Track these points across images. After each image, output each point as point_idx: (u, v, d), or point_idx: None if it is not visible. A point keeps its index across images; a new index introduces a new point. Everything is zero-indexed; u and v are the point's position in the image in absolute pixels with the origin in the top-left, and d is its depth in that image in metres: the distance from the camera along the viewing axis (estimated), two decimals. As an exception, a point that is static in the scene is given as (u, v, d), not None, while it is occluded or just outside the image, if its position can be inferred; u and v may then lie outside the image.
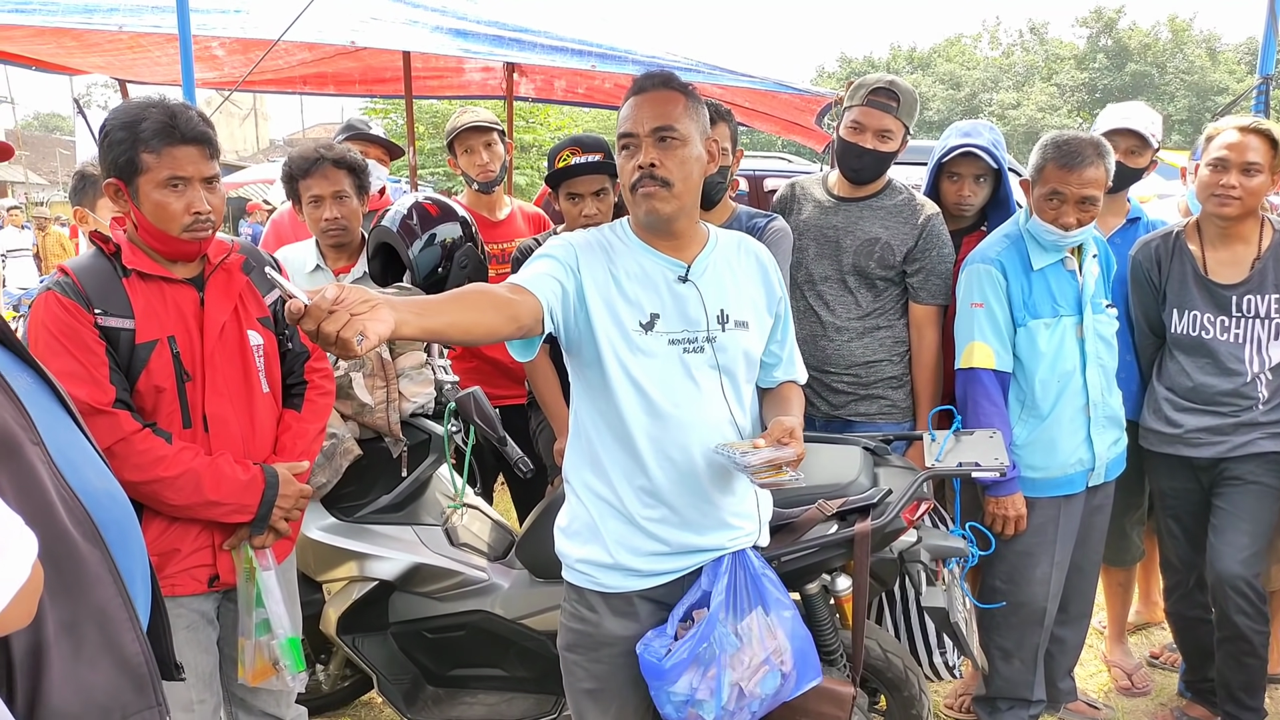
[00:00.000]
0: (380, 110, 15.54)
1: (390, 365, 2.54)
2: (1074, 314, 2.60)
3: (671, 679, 1.72)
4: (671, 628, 1.76)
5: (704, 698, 1.72)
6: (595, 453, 1.78)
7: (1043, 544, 2.65)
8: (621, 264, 1.74)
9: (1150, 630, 3.65)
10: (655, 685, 1.75)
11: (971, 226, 3.00)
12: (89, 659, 1.26)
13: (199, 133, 1.88)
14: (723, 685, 1.73)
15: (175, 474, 1.86)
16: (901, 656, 2.39)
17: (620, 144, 1.74)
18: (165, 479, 1.85)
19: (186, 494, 1.88)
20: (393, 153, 3.84)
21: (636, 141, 1.70)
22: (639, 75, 1.78)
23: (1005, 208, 2.95)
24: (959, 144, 2.84)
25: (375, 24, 4.00)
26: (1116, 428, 2.70)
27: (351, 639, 2.62)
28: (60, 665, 1.22)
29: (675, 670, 1.72)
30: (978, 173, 2.88)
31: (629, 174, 1.71)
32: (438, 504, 2.75)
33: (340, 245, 2.89)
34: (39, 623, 1.19)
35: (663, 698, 1.74)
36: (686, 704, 1.73)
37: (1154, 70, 42.40)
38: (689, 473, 1.76)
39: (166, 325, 1.91)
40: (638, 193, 1.70)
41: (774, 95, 5.04)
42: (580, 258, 1.72)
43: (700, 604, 1.79)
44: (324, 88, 6.10)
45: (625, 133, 1.72)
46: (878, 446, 2.48)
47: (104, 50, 4.72)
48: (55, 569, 1.24)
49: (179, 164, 1.85)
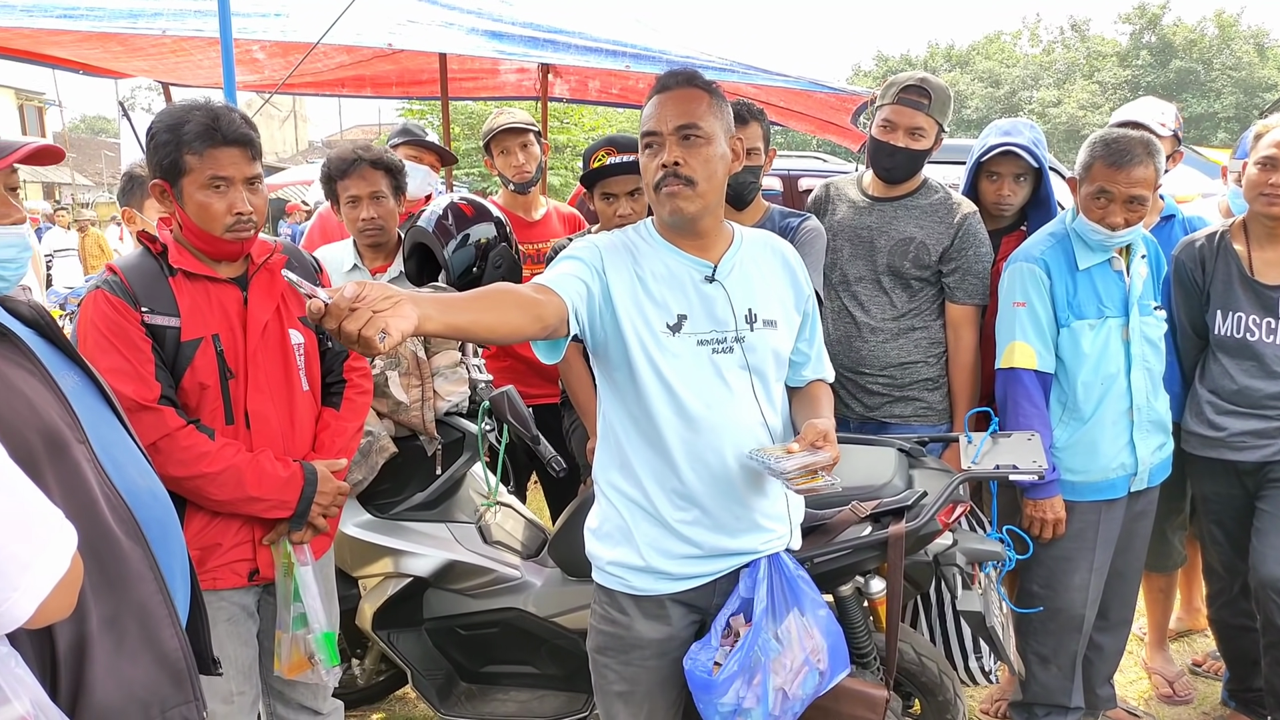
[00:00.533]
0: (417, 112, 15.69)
1: (425, 364, 2.56)
2: (1120, 315, 2.55)
3: (721, 691, 1.71)
4: (716, 639, 1.75)
5: (750, 705, 1.71)
6: (625, 454, 1.77)
7: (1082, 549, 2.61)
8: (647, 265, 1.73)
9: (1193, 637, 3.57)
10: (704, 699, 1.73)
11: (1011, 226, 2.96)
12: (130, 654, 1.29)
13: (241, 134, 1.91)
14: (768, 691, 1.72)
15: (218, 470, 1.90)
16: (936, 660, 2.37)
17: (643, 143, 1.71)
18: (208, 474, 1.89)
19: (229, 489, 1.92)
20: (445, 159, 3.88)
21: (660, 140, 1.69)
22: (662, 74, 1.76)
23: (1046, 208, 2.91)
24: (998, 142, 2.80)
25: (412, 26, 4.04)
26: (1162, 433, 2.65)
27: (386, 634, 2.65)
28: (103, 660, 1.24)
29: (726, 683, 1.71)
30: (1017, 171, 2.84)
31: (652, 173, 1.70)
32: (471, 502, 2.78)
33: (377, 245, 2.93)
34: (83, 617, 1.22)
35: (710, 710, 1.73)
36: (734, 714, 1.71)
37: (1199, 67, 41.53)
38: (722, 475, 1.75)
39: (211, 324, 1.95)
40: (661, 191, 1.69)
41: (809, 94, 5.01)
42: (605, 259, 1.71)
43: (740, 611, 1.78)
44: (362, 90, 6.18)
45: (648, 131, 1.70)
46: (913, 448, 2.46)
47: (148, 54, 4.81)
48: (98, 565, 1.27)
49: (221, 165, 1.89)
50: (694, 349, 1.72)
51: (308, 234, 3.84)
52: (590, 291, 1.67)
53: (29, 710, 1.08)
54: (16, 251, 1.29)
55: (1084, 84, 42.44)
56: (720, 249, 1.79)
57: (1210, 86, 40.80)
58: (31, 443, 1.20)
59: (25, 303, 1.42)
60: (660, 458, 1.74)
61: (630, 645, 1.81)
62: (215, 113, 1.90)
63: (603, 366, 1.78)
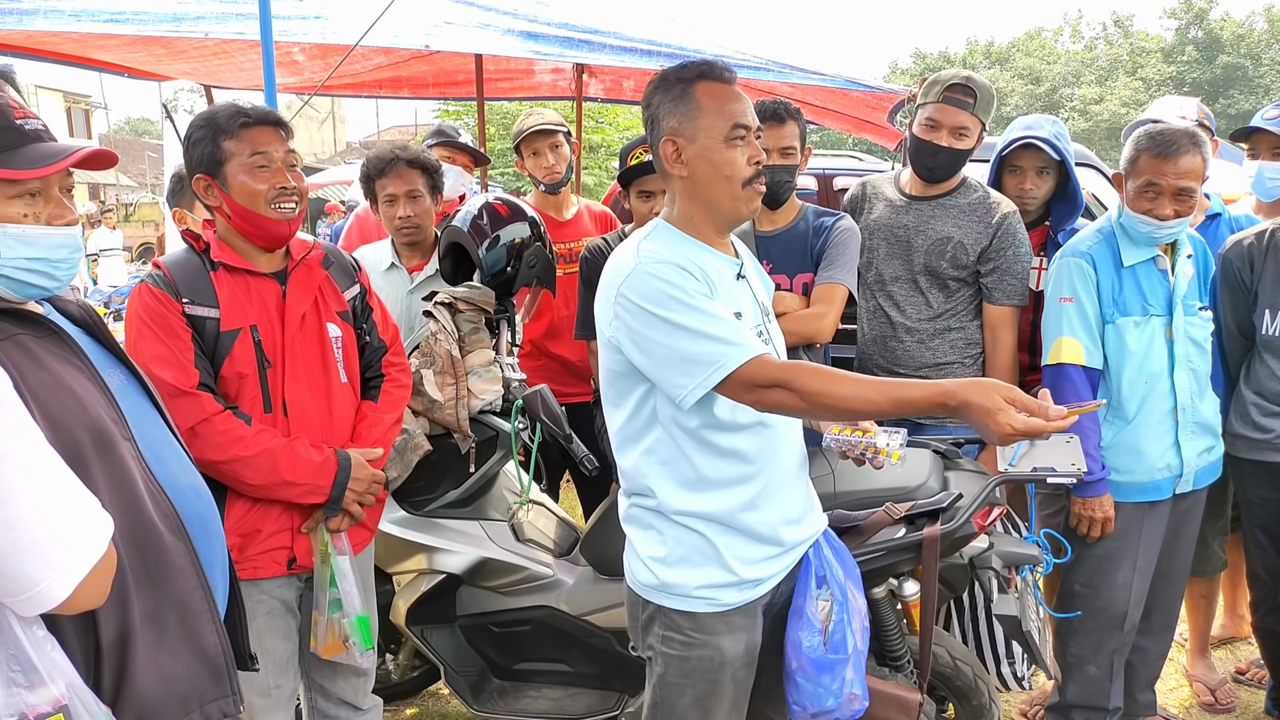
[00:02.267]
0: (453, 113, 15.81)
1: (460, 363, 2.58)
2: (1164, 314, 2.51)
3: (841, 668, 1.74)
4: (816, 621, 1.76)
5: (851, 676, 1.75)
6: (700, 473, 1.70)
7: (1125, 548, 2.57)
8: (705, 268, 1.69)
9: (1236, 645, 3.50)
10: (824, 681, 1.73)
11: (1035, 221, 2.92)
12: (170, 648, 1.32)
13: (269, 115, 2.02)
14: (859, 657, 1.78)
15: (253, 453, 1.95)
16: (971, 664, 2.35)
17: (732, 135, 1.66)
18: (243, 458, 1.94)
19: (263, 473, 1.97)
20: (478, 160, 3.91)
21: (750, 136, 1.68)
22: (703, 61, 1.72)
23: (1072, 202, 2.87)
24: (1019, 136, 2.79)
25: (449, 28, 4.07)
26: (1209, 435, 2.60)
27: (420, 630, 2.68)
28: (144, 653, 1.27)
29: (842, 662, 1.74)
30: (1040, 165, 2.81)
31: (746, 168, 1.67)
32: (504, 500, 2.79)
33: (414, 244, 2.98)
34: (126, 611, 1.25)
35: (823, 693, 1.74)
36: (843, 687, 1.74)
37: (1248, 62, 40.58)
38: (790, 468, 1.80)
39: (250, 315, 2.02)
40: (753, 188, 1.69)
41: (845, 93, 4.97)
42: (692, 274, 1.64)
43: (820, 588, 1.80)
44: (399, 91, 6.24)
45: (740, 124, 1.66)
46: (948, 450, 2.43)
47: (190, 57, 4.90)
48: (141, 559, 1.29)
49: (257, 142, 1.98)
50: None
51: (345, 234, 3.89)
52: None
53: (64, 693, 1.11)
54: (69, 252, 1.33)
55: (1127, 81, 41.65)
56: (730, 245, 1.82)
57: (1259, 83, 39.83)
58: (80, 439, 1.24)
59: (74, 302, 1.45)
60: (744, 464, 1.72)
61: (719, 664, 1.75)
62: (240, 103, 2.02)
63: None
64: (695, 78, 1.69)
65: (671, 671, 1.77)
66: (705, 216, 1.73)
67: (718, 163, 1.67)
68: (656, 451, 1.72)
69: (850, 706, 1.76)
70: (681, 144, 1.69)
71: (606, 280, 1.70)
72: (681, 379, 1.59)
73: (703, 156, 1.68)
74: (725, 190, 1.69)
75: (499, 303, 2.72)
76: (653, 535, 1.76)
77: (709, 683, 1.76)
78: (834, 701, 1.73)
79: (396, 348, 2.32)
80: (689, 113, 1.68)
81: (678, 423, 1.68)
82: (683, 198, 1.74)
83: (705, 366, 1.56)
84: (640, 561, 1.78)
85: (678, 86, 1.70)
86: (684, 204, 1.74)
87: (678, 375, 1.59)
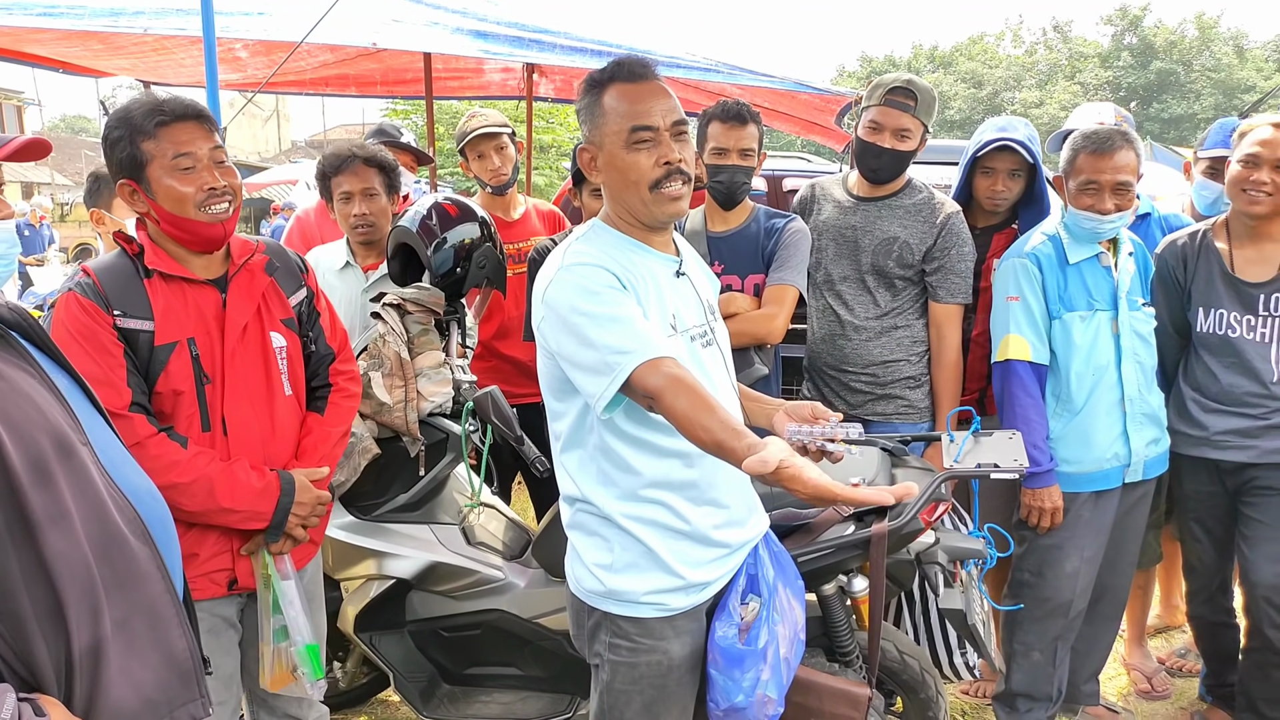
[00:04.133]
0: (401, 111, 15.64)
1: (409, 364, 2.56)
2: (1109, 309, 2.60)
3: (753, 663, 1.72)
4: (736, 616, 1.76)
5: (767, 677, 1.74)
6: (642, 478, 1.68)
7: (1073, 538, 2.65)
8: (634, 270, 1.68)
9: (1171, 634, 3.61)
10: (734, 675, 1.72)
11: (1003, 223, 2.98)
12: (140, 655, 1.29)
13: (189, 108, 1.86)
14: (779, 661, 1.76)
15: (188, 480, 1.84)
16: (918, 658, 2.38)
17: (635, 138, 1.62)
18: (179, 485, 1.83)
19: (199, 500, 1.86)
20: (421, 160, 3.87)
21: (657, 136, 1.63)
22: (616, 62, 1.68)
23: (1039, 205, 2.93)
24: (994, 138, 2.83)
25: (397, 26, 4.03)
26: (1155, 426, 2.68)
27: (369, 637, 2.64)
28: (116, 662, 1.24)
29: (758, 655, 1.72)
30: (1012, 168, 2.86)
31: (652, 170, 1.63)
32: (455, 503, 2.77)
33: (369, 242, 2.94)
34: (97, 620, 1.22)
35: (733, 687, 1.72)
36: (755, 686, 1.73)
37: (1180, 68, 41.88)
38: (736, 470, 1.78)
39: (187, 327, 1.89)
40: (664, 191, 1.64)
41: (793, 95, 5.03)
42: (624, 281, 1.62)
43: (751, 589, 1.80)
44: (346, 89, 6.16)
45: (644, 126, 1.61)
46: (895, 447, 2.47)
47: (129, 52, 4.78)
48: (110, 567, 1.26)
49: (179, 141, 1.83)
50: (688, 346, 1.72)
51: (286, 236, 3.81)
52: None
53: None
54: (5, 248, 1.27)
55: (1066, 85, 42.70)
56: (670, 242, 1.79)
57: (1190, 88, 41.15)
58: (43, 446, 1.19)
59: (4, 305, 1.40)
60: (686, 468, 1.70)
61: (667, 669, 1.75)
62: (157, 97, 1.87)
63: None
64: (607, 80, 1.66)
65: (619, 678, 1.76)
66: (630, 218, 1.72)
67: (621, 168, 1.65)
68: (598, 457, 1.70)
69: (763, 709, 1.73)
70: (594, 151, 1.69)
71: (537, 285, 1.70)
72: (591, 386, 1.56)
73: (610, 163, 1.66)
74: (635, 195, 1.66)
75: (448, 304, 2.69)
76: (598, 542, 1.74)
77: (656, 688, 1.75)
78: (744, 699, 1.71)
79: (345, 354, 2.21)
80: (596, 119, 1.66)
81: (616, 427, 1.67)
82: (608, 200, 1.74)
83: (606, 373, 1.53)
84: (586, 568, 1.76)
85: (591, 92, 1.68)
86: (611, 206, 1.74)
87: (588, 382, 1.57)
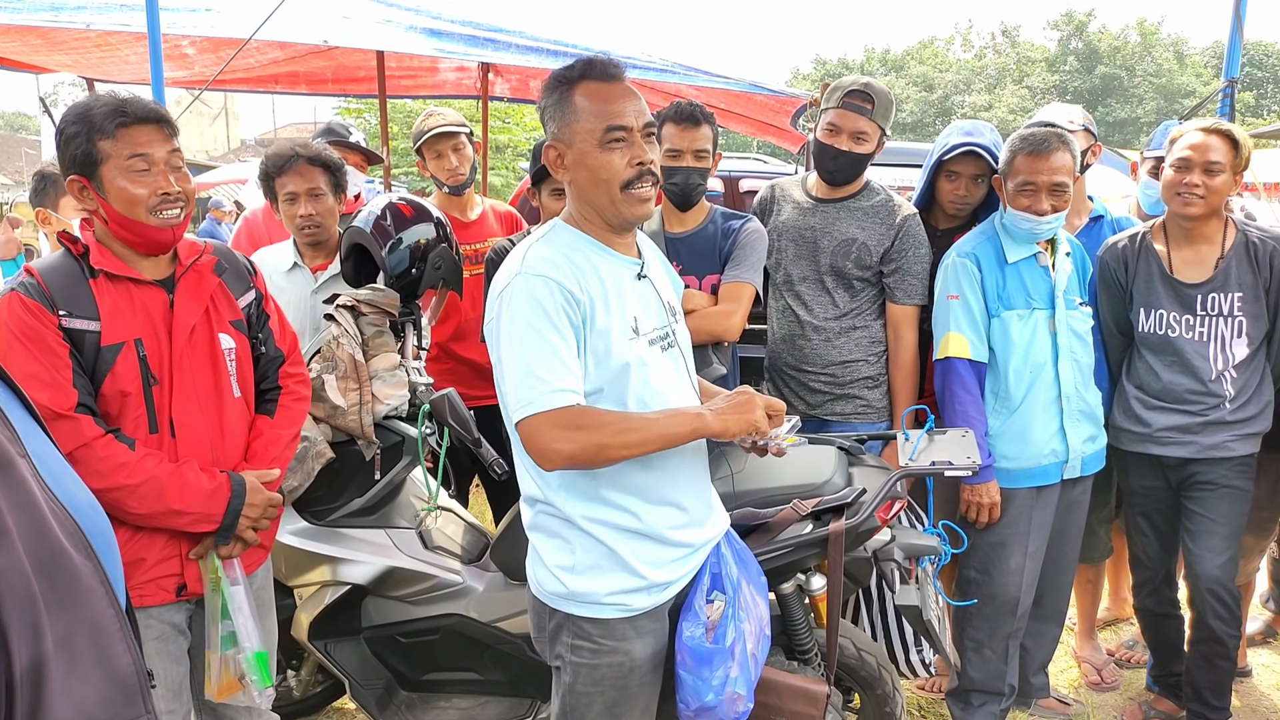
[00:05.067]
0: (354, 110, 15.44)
1: (363, 367, 2.52)
2: (1046, 308, 2.65)
3: (721, 661, 1.72)
4: (702, 615, 1.77)
5: (736, 674, 1.74)
6: (602, 479, 1.68)
7: (1016, 535, 2.69)
8: (595, 272, 1.67)
9: (1120, 626, 3.69)
10: (704, 674, 1.72)
11: (964, 226, 3.02)
12: (81, 672, 1.25)
13: (151, 111, 1.84)
14: (746, 658, 1.77)
15: (137, 481, 1.81)
16: (875, 655, 2.41)
17: (609, 137, 1.62)
18: (127, 486, 1.80)
19: (148, 502, 1.83)
20: (371, 159, 3.82)
21: (630, 136, 1.63)
22: (586, 60, 1.68)
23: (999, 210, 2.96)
24: (960, 142, 2.85)
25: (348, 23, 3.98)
26: (1092, 424, 2.74)
27: (323, 644, 2.60)
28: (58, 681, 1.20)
29: (725, 654, 1.73)
30: (976, 173, 2.89)
31: (625, 171, 1.63)
32: (411, 507, 2.74)
33: (316, 243, 2.89)
34: (39, 639, 1.18)
35: (702, 687, 1.72)
36: (725, 684, 1.73)
37: (1123, 73, 42.98)
38: (697, 471, 1.80)
39: (134, 328, 1.86)
40: (635, 192, 1.64)
41: (749, 97, 5.06)
42: (572, 293, 1.61)
43: (715, 587, 1.81)
44: (296, 87, 6.06)
45: (617, 126, 1.62)
46: (852, 446, 2.50)
47: (71, 48, 4.66)
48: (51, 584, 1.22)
49: (137, 143, 1.81)
50: (648, 349, 1.72)
51: (234, 238, 3.74)
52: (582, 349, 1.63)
53: None
54: None
55: (1014, 89, 43.59)
56: (633, 245, 1.79)
57: (1133, 92, 42.24)
58: None
59: None
60: (651, 471, 1.70)
61: (629, 670, 1.75)
62: (121, 97, 1.84)
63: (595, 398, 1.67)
64: (577, 78, 1.66)
65: (581, 680, 1.75)
66: (596, 219, 1.71)
67: (593, 167, 1.64)
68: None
69: (733, 707, 1.74)
70: (562, 149, 1.68)
71: (495, 283, 1.68)
72: (511, 396, 1.59)
73: (580, 161, 1.66)
74: (605, 195, 1.66)
75: (404, 305, 2.66)
76: (560, 544, 1.73)
77: (618, 689, 1.75)
78: (714, 697, 1.72)
79: (295, 357, 2.19)
80: (567, 117, 1.66)
81: None
82: (573, 200, 1.73)
83: (526, 397, 1.56)
84: (547, 570, 1.75)
85: (559, 89, 1.67)
86: (576, 206, 1.73)
87: (510, 391, 1.59)
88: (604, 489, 1.69)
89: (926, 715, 3.09)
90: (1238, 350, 2.64)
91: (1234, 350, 2.64)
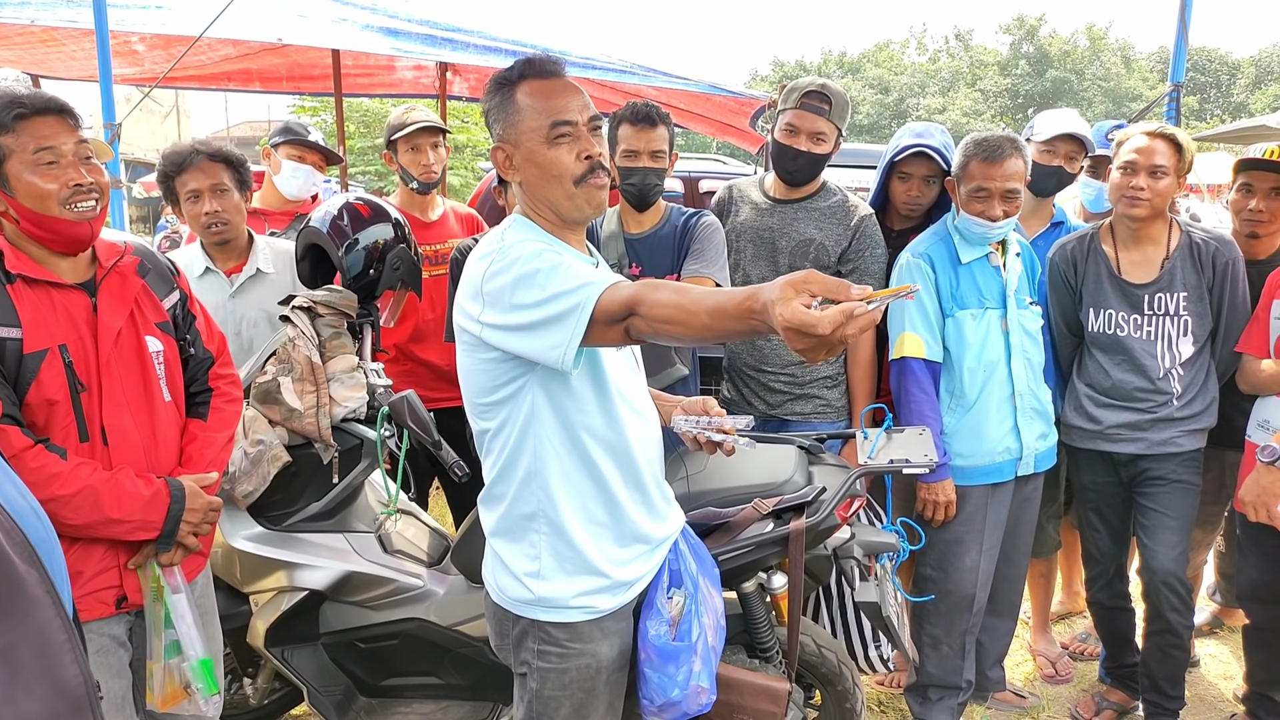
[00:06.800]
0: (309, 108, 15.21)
1: (320, 369, 2.48)
2: (999, 307, 2.70)
3: (685, 658, 1.73)
4: (664, 612, 1.77)
5: (699, 668, 1.75)
6: (566, 478, 1.67)
7: (971, 532, 2.74)
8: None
9: (1073, 620, 3.77)
10: (669, 670, 1.72)
11: (918, 227, 3.05)
12: (25, 685, 1.21)
13: (50, 101, 1.78)
14: (708, 651, 1.78)
15: (72, 492, 1.75)
16: (836, 651, 2.43)
17: (555, 133, 1.62)
18: (61, 497, 1.74)
19: (85, 512, 1.77)
20: (330, 159, 3.76)
21: (576, 131, 1.63)
22: (525, 60, 1.67)
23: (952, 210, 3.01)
24: (911, 144, 2.89)
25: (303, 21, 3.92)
26: (1044, 421, 2.79)
27: (280, 651, 2.56)
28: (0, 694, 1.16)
29: (689, 650, 1.73)
30: (928, 174, 2.93)
31: (575, 165, 1.63)
32: (370, 510, 2.70)
33: (224, 242, 2.78)
34: None
35: (668, 683, 1.72)
36: (689, 679, 1.73)
37: (1073, 77, 43.94)
38: (656, 461, 1.80)
39: (57, 333, 1.79)
40: (588, 185, 1.64)
41: (708, 97, 5.08)
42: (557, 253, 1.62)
43: (674, 584, 1.81)
44: (249, 84, 5.97)
45: (563, 120, 1.62)
46: (812, 445, 2.51)
47: (14, 44, 4.54)
48: None
49: (40, 135, 1.76)
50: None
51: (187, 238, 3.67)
52: None
53: None
54: None
55: (967, 91, 44.35)
56: (584, 243, 1.79)
57: (1083, 95, 43.20)
58: None
59: None
60: (625, 463, 1.70)
61: (596, 671, 1.74)
62: (16, 91, 1.79)
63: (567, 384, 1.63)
64: (518, 78, 1.66)
65: (549, 685, 1.74)
66: (550, 215, 1.70)
67: (542, 164, 1.64)
68: (521, 461, 1.68)
69: (697, 700, 1.75)
70: (510, 150, 1.67)
71: (468, 276, 1.64)
72: (556, 337, 1.49)
73: (529, 160, 1.65)
74: (558, 191, 1.65)
75: (361, 306, 2.63)
76: (524, 548, 1.72)
77: (585, 691, 1.74)
78: (679, 693, 1.72)
79: (224, 358, 2.14)
80: (511, 117, 1.65)
81: (544, 427, 1.65)
82: (525, 199, 1.72)
83: (570, 317, 1.47)
84: (511, 576, 1.74)
85: (501, 91, 1.67)
86: (529, 204, 1.72)
87: (552, 336, 1.49)
88: (572, 487, 1.68)
89: (886, 710, 3.13)
90: (1184, 348, 2.71)
91: (1180, 348, 2.71)
